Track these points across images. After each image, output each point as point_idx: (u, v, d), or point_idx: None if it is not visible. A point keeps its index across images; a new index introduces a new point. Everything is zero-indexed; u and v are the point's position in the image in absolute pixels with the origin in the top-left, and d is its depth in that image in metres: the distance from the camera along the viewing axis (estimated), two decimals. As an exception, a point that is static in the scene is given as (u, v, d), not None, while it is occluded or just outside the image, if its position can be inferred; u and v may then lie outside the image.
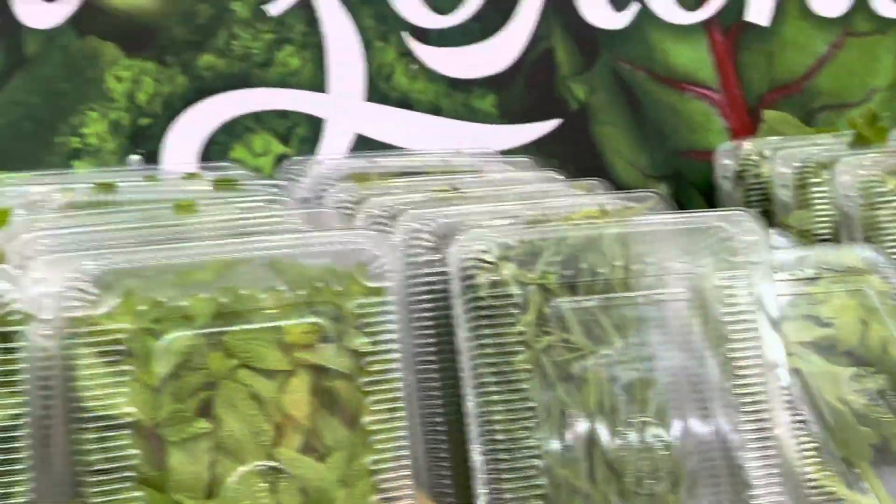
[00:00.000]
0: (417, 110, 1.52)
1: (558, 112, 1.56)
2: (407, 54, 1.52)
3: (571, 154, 1.56)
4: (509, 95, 1.54)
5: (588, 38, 1.57)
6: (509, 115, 1.54)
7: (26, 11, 1.38)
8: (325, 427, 0.92)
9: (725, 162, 1.50)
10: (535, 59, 1.55)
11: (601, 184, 1.29)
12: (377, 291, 0.95)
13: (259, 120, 1.48)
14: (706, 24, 1.61)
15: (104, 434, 0.86)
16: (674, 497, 0.99)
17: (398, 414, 0.95)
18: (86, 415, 0.86)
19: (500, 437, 0.97)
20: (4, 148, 1.38)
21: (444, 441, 1.03)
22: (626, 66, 1.58)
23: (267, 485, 0.90)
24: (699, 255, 1.04)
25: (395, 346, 0.95)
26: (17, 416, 0.84)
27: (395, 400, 0.95)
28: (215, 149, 1.46)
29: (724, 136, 1.60)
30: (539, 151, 1.53)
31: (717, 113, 1.61)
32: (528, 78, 1.55)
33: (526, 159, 1.47)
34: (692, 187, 1.60)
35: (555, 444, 0.98)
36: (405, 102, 1.52)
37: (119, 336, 0.87)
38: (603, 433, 0.99)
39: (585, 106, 1.57)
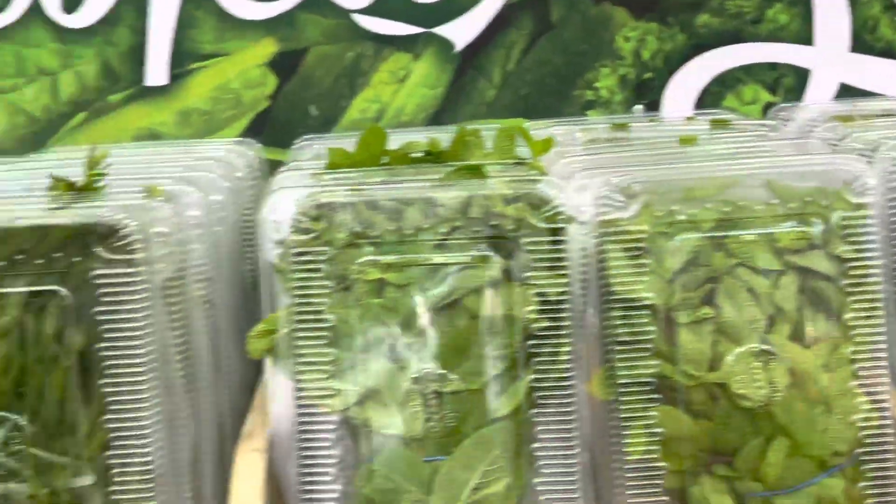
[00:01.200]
0: (901, 60, 1.60)
1: None
2: (892, 7, 1.60)
3: None
4: None
5: None
6: None
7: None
8: (810, 320, 1.07)
9: None
10: None
11: None
12: (859, 206, 1.08)
13: (749, 72, 1.62)
14: None
15: (628, 314, 1.07)
16: None
17: (877, 313, 1.07)
18: (614, 297, 1.07)
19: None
20: (532, 100, 1.63)
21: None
22: None
23: (760, 364, 1.06)
24: None
25: (875, 255, 1.08)
26: (562, 294, 1.06)
27: (873, 300, 1.07)
28: (709, 98, 1.62)
29: None
30: None
31: None
32: None
33: None
34: None
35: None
36: (890, 53, 1.60)
37: (640, 236, 1.08)
38: None
39: None
